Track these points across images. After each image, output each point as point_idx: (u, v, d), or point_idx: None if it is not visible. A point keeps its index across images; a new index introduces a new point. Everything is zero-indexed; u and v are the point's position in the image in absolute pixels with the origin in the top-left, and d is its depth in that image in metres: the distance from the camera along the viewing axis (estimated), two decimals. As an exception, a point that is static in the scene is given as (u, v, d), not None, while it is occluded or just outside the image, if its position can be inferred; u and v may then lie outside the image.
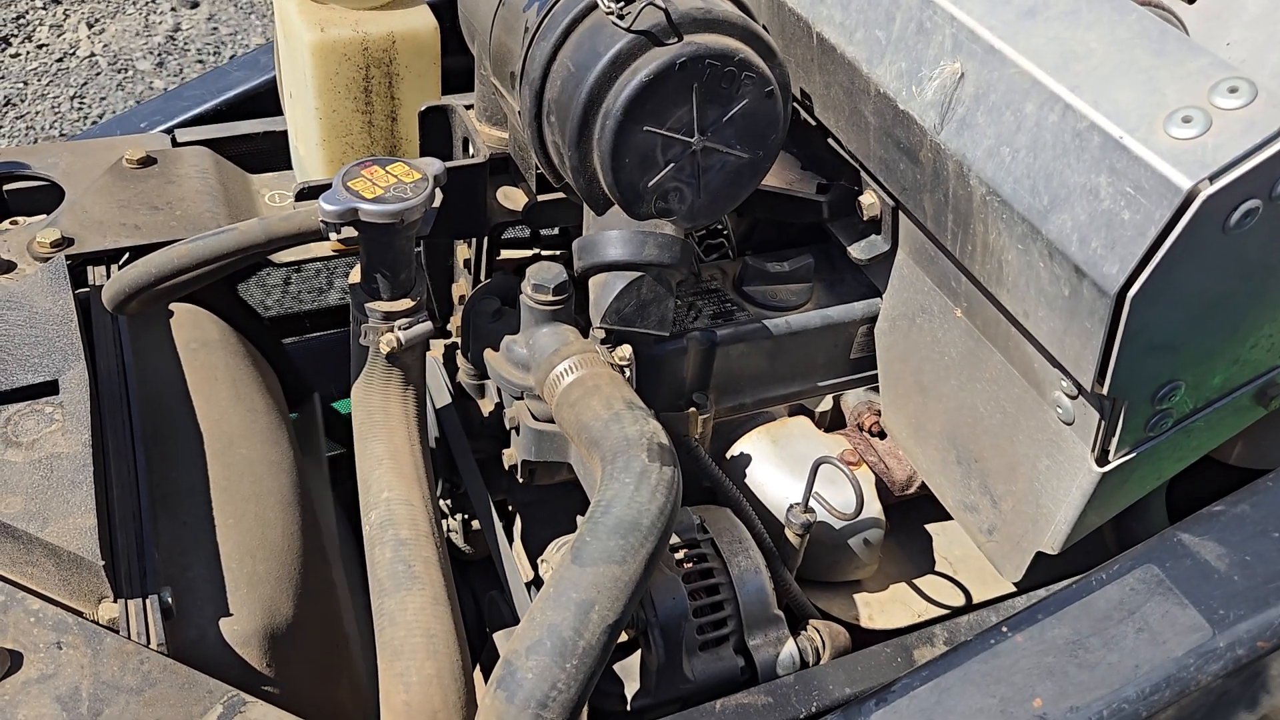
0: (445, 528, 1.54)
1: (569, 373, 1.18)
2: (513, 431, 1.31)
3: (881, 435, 1.50)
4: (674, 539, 1.24)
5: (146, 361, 1.37)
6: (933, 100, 1.09)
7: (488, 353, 1.29)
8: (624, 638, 1.20)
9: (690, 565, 1.23)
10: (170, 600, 1.08)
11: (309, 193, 1.23)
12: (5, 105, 4.70)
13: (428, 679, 1.02)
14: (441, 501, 1.55)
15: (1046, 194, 0.99)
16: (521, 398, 1.28)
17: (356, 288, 1.21)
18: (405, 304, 1.20)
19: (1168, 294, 0.93)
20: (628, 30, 1.12)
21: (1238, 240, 0.92)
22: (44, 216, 1.52)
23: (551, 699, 0.95)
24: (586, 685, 0.96)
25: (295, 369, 1.81)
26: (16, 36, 5.11)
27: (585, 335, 1.27)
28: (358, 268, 1.20)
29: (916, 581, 1.46)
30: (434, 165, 1.17)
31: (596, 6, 1.15)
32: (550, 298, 1.23)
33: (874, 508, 1.36)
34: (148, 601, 1.06)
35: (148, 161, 1.60)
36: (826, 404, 1.50)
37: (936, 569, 1.48)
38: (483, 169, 1.33)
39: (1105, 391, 1.02)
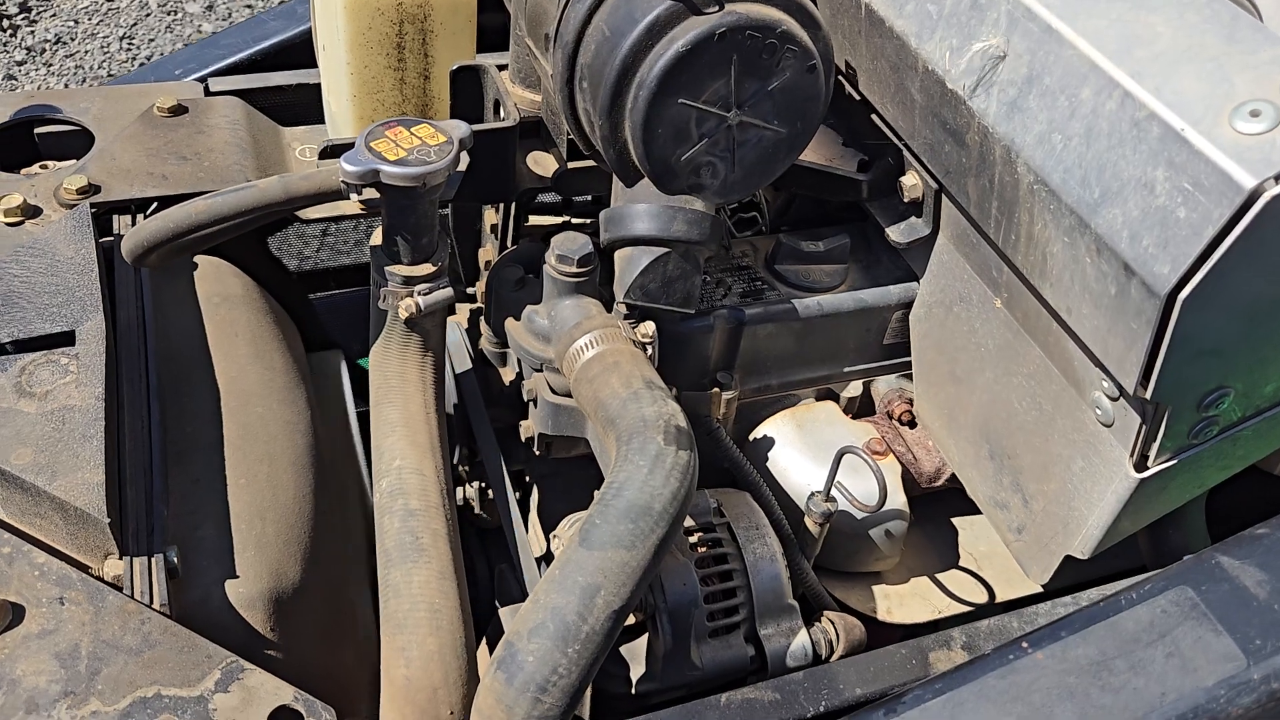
0: (463, 495, 1.52)
1: (589, 347, 1.15)
2: (530, 404, 1.28)
3: (912, 424, 1.45)
4: (689, 522, 1.21)
5: (167, 315, 1.35)
6: (965, 71, 1.04)
7: (509, 322, 1.26)
8: (632, 621, 1.18)
9: (704, 550, 1.20)
10: (176, 560, 1.07)
11: (333, 151, 1.20)
12: (56, 43, 4.71)
13: (429, 655, 1.00)
14: (460, 468, 1.53)
15: (1098, 186, 0.93)
16: (541, 370, 1.25)
17: (377, 250, 1.18)
18: (426, 269, 1.17)
19: (1221, 298, 0.88)
20: (666, -5, 1.07)
21: (1301, 244, 0.86)
22: (73, 162, 1.51)
23: (551, 683, 0.92)
24: (588, 671, 0.94)
25: (322, 325, 1.79)
26: (69, -30, 5.12)
27: (609, 309, 1.24)
28: (379, 229, 1.18)
29: (939, 576, 1.42)
30: (460, 128, 1.13)
31: (635, -32, 1.10)
32: (574, 269, 1.20)
33: (898, 499, 1.32)
34: (153, 560, 1.05)
35: (179, 110, 1.58)
36: (856, 389, 1.45)
37: (960, 564, 1.44)
38: (512, 133, 1.29)
39: (1149, 396, 0.97)
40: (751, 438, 1.41)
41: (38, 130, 1.56)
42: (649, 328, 1.18)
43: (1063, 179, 0.97)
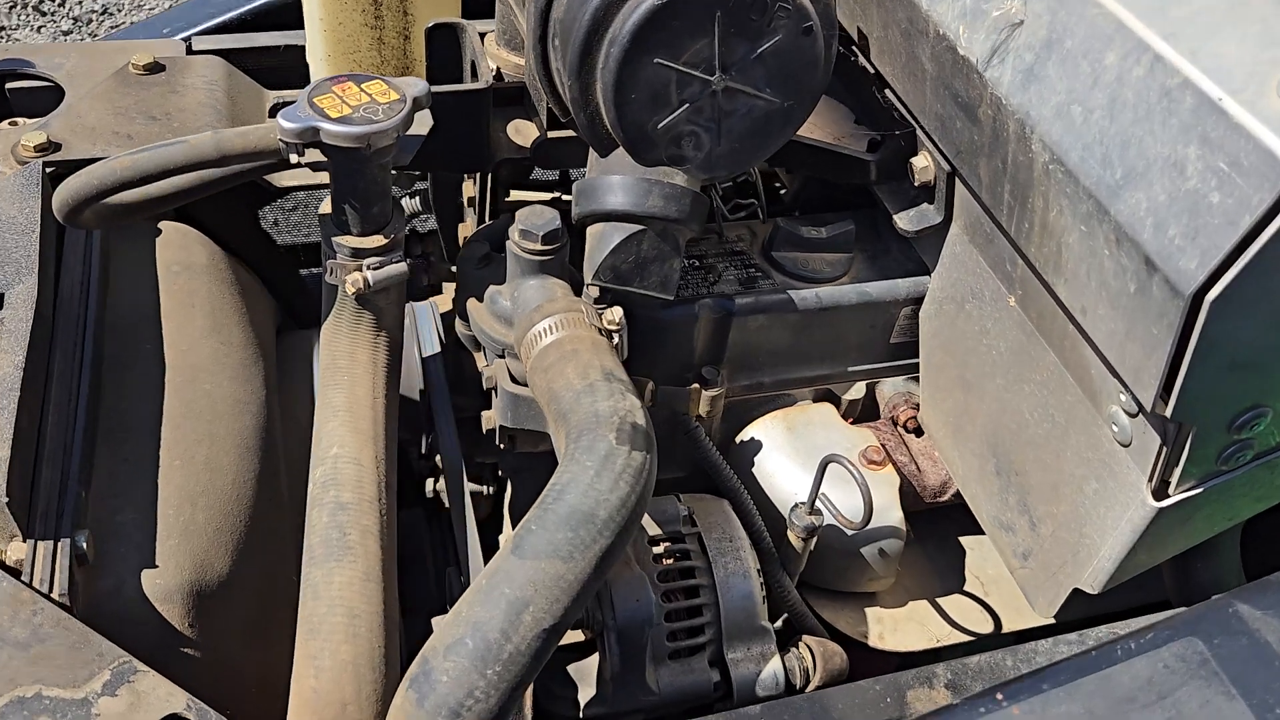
0: (433, 488, 1.42)
1: (548, 333, 1.04)
2: (492, 393, 1.18)
3: (918, 432, 1.33)
4: (655, 530, 1.10)
5: (119, 281, 1.27)
6: (975, 44, 0.91)
7: (470, 303, 1.16)
8: (581, 637, 1.07)
9: (670, 562, 1.09)
10: (86, 546, 0.98)
11: (281, 108, 1.10)
12: (103, 14, 4.71)
13: (342, 665, 0.90)
14: (431, 460, 1.43)
15: (1120, 166, 0.80)
16: (504, 356, 1.14)
17: (325, 219, 1.08)
18: (377, 241, 1.07)
19: (1257, 302, 0.75)
20: (643, -58, 0.96)
21: (1356, 241, 0.73)
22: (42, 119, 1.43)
23: (466, 708, 0.82)
24: (510, 695, 0.83)
25: (315, 303, 1.70)
26: (119, -60, 5.11)
27: (579, 292, 1.13)
28: (329, 198, 1.08)
29: (940, 601, 1.29)
30: (416, 85, 1.03)
31: (612, -87, 0.99)
32: (539, 246, 1.09)
33: (893, 515, 1.20)
34: (59, 545, 0.96)
35: (155, 68, 1.49)
36: (858, 391, 1.33)
37: (965, 589, 1.31)
38: (484, 95, 1.19)
39: (1169, 414, 0.84)
40: (738, 440, 1.29)
41: (9, 85, 1.48)
42: (616, 314, 1.07)
43: (1081, 158, 0.84)
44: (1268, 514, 1.03)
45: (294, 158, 1.00)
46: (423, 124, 1.11)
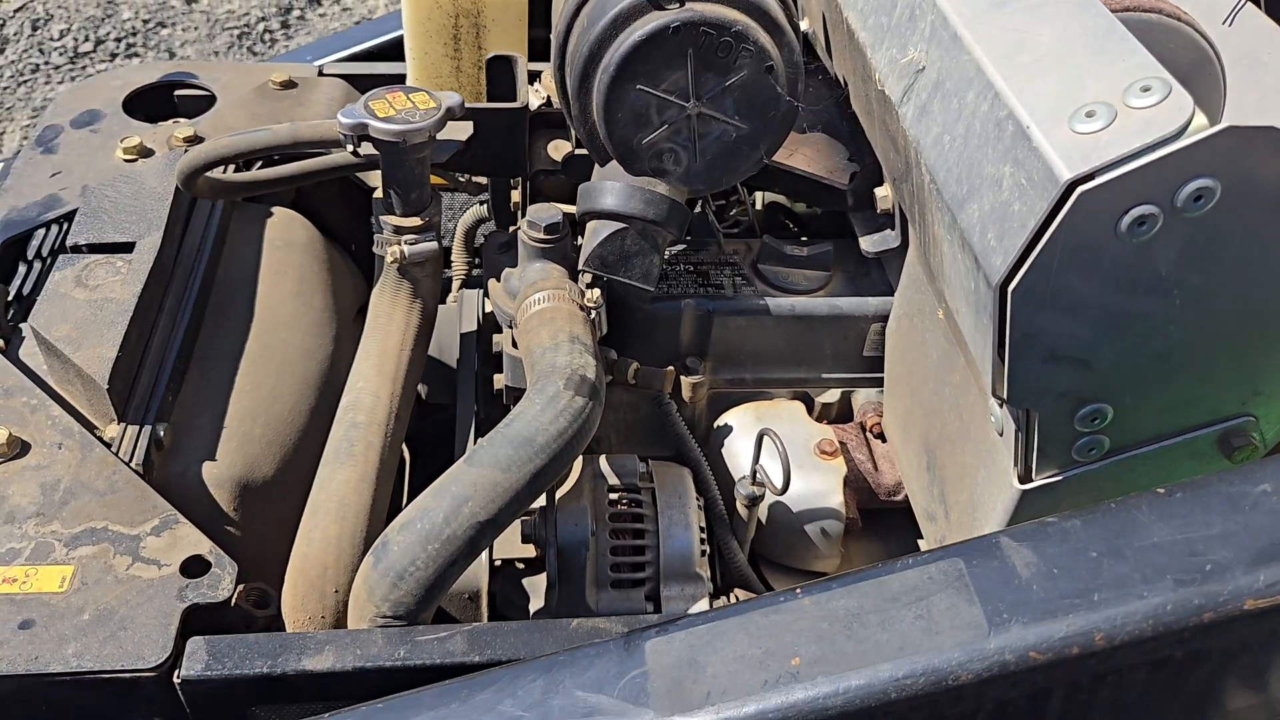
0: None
1: (536, 304, 1.26)
2: (504, 358, 1.41)
3: (883, 438, 1.48)
4: (614, 480, 1.30)
5: (231, 248, 1.58)
6: (894, 86, 1.09)
7: (490, 282, 1.40)
8: (532, 553, 1.27)
9: (623, 506, 1.28)
10: (163, 435, 1.26)
11: (355, 113, 1.38)
12: (300, 48, 5.29)
13: (328, 539, 1.14)
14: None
15: (966, 182, 0.97)
16: (511, 326, 1.37)
17: (377, 201, 1.35)
18: (414, 221, 1.33)
19: (1058, 297, 0.90)
20: (633, -9, 1.19)
21: (1139, 251, 0.87)
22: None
23: (409, 573, 1.04)
24: (445, 569, 1.05)
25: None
26: (327, -2, 5.74)
27: (577, 277, 1.35)
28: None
29: (883, 588, 1.42)
30: (452, 98, 1.29)
31: (616, -32, 1.23)
32: (541, 235, 1.32)
33: (834, 500, 1.35)
34: (142, 430, 1.25)
35: (289, 85, 1.82)
36: (832, 396, 1.49)
37: (910, 581, 1.44)
38: (519, 113, 1.44)
39: (1005, 396, 0.98)
40: (715, 425, 1.47)
41: (177, 93, 1.84)
42: (595, 294, 1.28)
43: (945, 177, 1.01)
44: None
45: (349, 147, 1.27)
46: (462, 131, 1.37)
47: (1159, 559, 0.83)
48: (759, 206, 1.68)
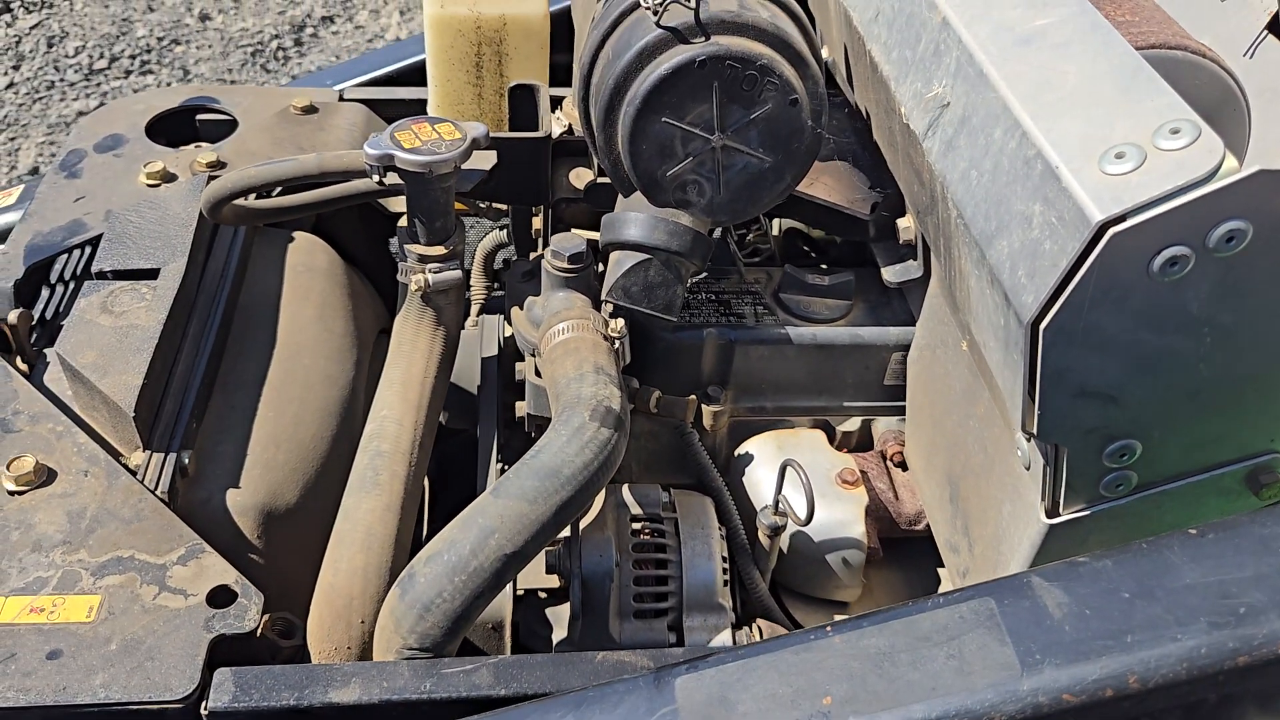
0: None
1: (560, 334, 1.27)
2: (527, 386, 1.41)
3: (903, 466, 1.48)
4: (637, 510, 1.30)
5: (253, 273, 1.59)
6: (919, 120, 1.10)
7: (513, 310, 1.41)
8: (556, 584, 1.27)
9: (646, 536, 1.28)
10: (187, 462, 1.26)
11: (378, 141, 1.39)
12: (319, 71, 5.32)
13: (354, 569, 1.14)
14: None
15: (995, 219, 0.97)
16: (534, 354, 1.38)
17: (402, 230, 1.35)
18: (438, 250, 1.34)
19: (1089, 335, 0.90)
20: (658, 26, 1.20)
21: (1170, 290, 0.87)
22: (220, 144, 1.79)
23: (435, 605, 1.04)
24: (472, 601, 1.05)
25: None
26: (340, 16, 5.79)
27: (600, 307, 1.36)
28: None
29: (904, 618, 1.42)
30: (477, 129, 1.29)
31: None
32: (565, 265, 1.32)
33: (856, 529, 1.35)
34: (168, 458, 1.25)
35: (309, 110, 1.84)
36: (853, 425, 1.49)
37: (931, 611, 1.44)
38: (541, 142, 1.44)
39: (1034, 432, 0.98)
40: (736, 453, 1.47)
41: (199, 117, 1.86)
42: (619, 324, 1.29)
43: (973, 213, 1.01)
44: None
45: (375, 177, 1.28)
46: (485, 161, 1.38)
47: (1192, 601, 0.83)
48: (776, 233, 1.69)
